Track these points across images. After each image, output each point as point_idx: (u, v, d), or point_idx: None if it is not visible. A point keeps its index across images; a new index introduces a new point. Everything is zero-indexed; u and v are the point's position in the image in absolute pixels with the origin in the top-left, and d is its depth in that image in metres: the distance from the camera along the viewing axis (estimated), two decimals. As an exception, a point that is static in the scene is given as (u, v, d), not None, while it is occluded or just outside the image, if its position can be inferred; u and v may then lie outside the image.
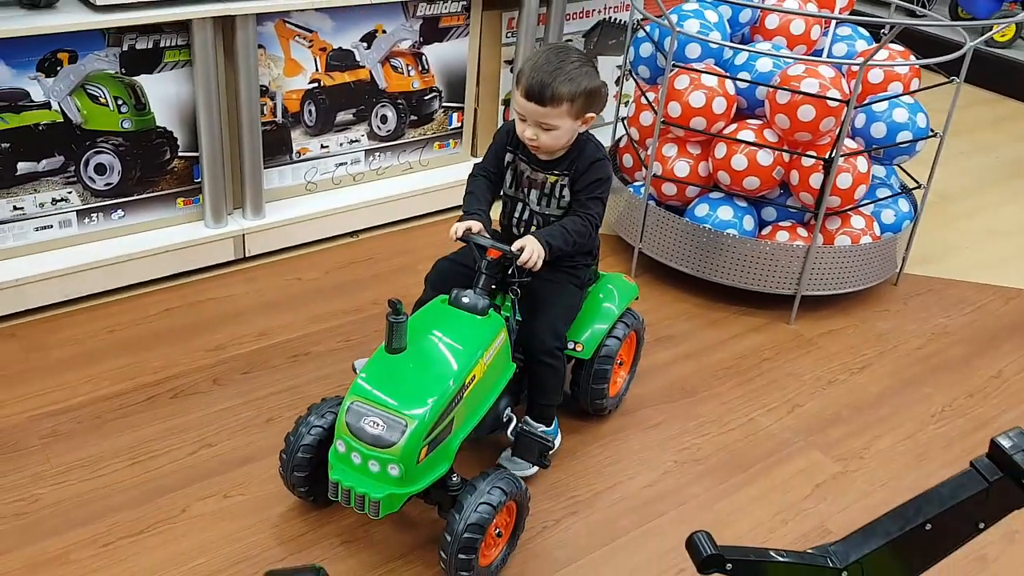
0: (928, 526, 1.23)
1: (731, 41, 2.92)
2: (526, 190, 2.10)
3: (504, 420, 2.05)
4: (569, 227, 2.02)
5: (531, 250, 1.93)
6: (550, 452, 2.03)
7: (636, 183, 3.09)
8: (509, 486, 1.80)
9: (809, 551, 1.26)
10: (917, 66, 2.84)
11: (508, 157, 2.12)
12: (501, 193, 2.17)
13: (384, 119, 3.12)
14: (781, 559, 1.23)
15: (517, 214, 2.15)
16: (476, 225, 1.99)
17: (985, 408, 2.56)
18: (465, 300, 1.92)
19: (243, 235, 2.84)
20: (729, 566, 1.19)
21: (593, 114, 2.00)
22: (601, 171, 2.05)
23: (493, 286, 1.98)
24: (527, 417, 2.12)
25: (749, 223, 2.83)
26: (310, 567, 1.17)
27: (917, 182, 3.04)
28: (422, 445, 1.73)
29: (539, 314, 2.05)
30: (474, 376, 1.84)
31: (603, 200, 2.07)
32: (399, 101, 3.12)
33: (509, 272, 2.00)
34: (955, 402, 2.57)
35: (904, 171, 3.11)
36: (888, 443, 2.40)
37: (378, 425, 1.72)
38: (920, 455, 2.37)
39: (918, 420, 2.49)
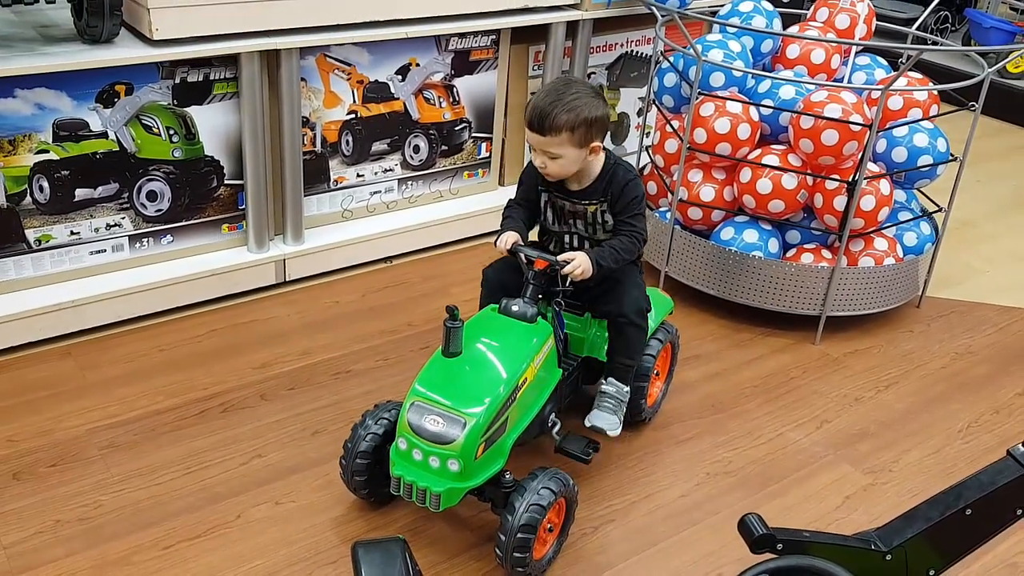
0: (968, 511, 1.30)
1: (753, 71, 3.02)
2: (572, 221, 2.19)
3: (549, 424, 2.14)
4: (618, 246, 2.11)
5: (579, 263, 2.04)
6: (593, 450, 2.13)
7: (661, 208, 3.19)
8: (559, 484, 1.90)
9: (854, 535, 1.32)
10: (936, 92, 2.93)
11: (544, 196, 2.20)
12: (541, 227, 2.26)
13: (417, 149, 3.23)
14: (828, 541, 1.29)
15: (567, 244, 2.23)
16: (515, 236, 2.10)
17: (1011, 424, 2.61)
18: (515, 308, 2.03)
19: (284, 260, 2.94)
20: (780, 546, 1.25)
21: (598, 143, 2.06)
22: (635, 190, 2.13)
23: (540, 295, 2.08)
24: (610, 378, 2.22)
25: (774, 245, 2.91)
26: (394, 538, 1.24)
27: (938, 206, 3.12)
28: (480, 442, 1.83)
29: (620, 289, 2.15)
30: (526, 379, 1.95)
31: (644, 215, 2.16)
32: (431, 132, 3.23)
33: (555, 282, 2.10)
34: (981, 418, 2.63)
35: (924, 195, 3.19)
36: (916, 457, 2.45)
37: (438, 423, 1.83)
38: (948, 468, 2.42)
39: (945, 435, 2.54)
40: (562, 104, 1.97)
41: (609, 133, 3.84)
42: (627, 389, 2.24)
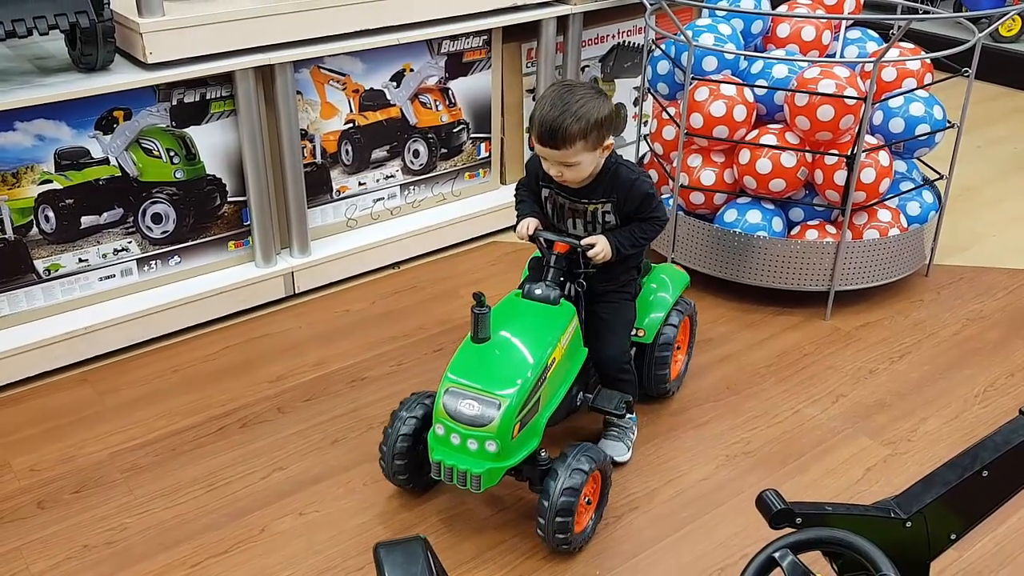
0: (985, 472, 1.30)
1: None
2: (570, 220, 2.20)
3: (578, 403, 2.19)
4: (637, 231, 2.15)
5: (601, 247, 2.09)
6: (626, 404, 2.17)
7: (663, 196, 3.19)
8: (595, 454, 1.97)
9: (873, 505, 1.33)
10: (928, 61, 2.93)
11: (544, 192, 2.22)
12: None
13: (416, 153, 3.24)
14: (847, 512, 1.30)
15: None
16: (535, 221, 2.16)
17: (1027, 386, 2.62)
18: (538, 292, 2.08)
19: (292, 273, 2.96)
20: (799, 520, 1.26)
21: (611, 141, 2.08)
22: (644, 187, 2.14)
23: (561, 278, 2.13)
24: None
25: (778, 224, 2.91)
26: (415, 537, 1.25)
27: (939, 173, 3.12)
28: (515, 422, 1.89)
29: (605, 339, 2.21)
30: (554, 358, 2.00)
31: (660, 205, 2.18)
32: (429, 135, 3.24)
33: (576, 264, 2.16)
34: (996, 382, 2.62)
35: (925, 164, 3.19)
36: (934, 425, 2.45)
37: (474, 406, 1.89)
38: (967, 433, 2.42)
39: (962, 401, 2.54)
40: (570, 113, 1.95)
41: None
42: (630, 416, 2.31)
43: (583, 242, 2.10)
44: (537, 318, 2.05)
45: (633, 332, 2.31)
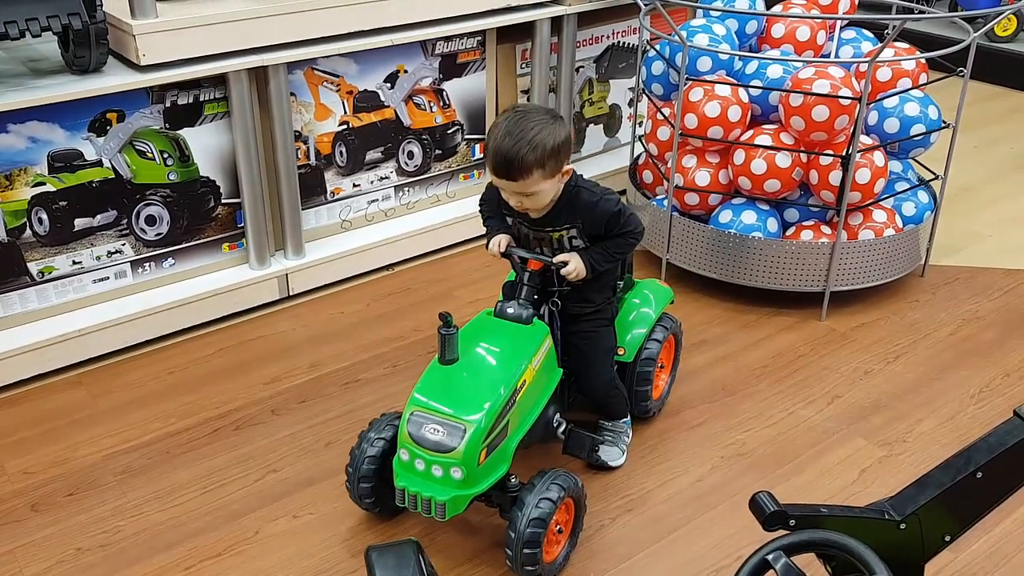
0: (979, 474, 1.30)
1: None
2: (538, 249, 2.13)
3: (555, 425, 2.14)
4: (612, 247, 2.08)
5: (575, 265, 2.03)
6: (598, 446, 2.15)
7: (658, 197, 3.19)
8: (566, 482, 1.89)
9: (867, 506, 1.33)
10: (923, 60, 2.93)
11: (509, 220, 2.13)
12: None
13: (411, 155, 3.24)
14: (841, 514, 1.29)
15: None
16: (507, 238, 2.10)
17: (1022, 387, 2.61)
18: (510, 311, 2.02)
19: (286, 274, 2.96)
20: (792, 522, 1.26)
21: (570, 166, 1.97)
22: (608, 207, 2.03)
23: (535, 296, 2.07)
24: (603, 421, 2.28)
25: (773, 225, 2.91)
26: (407, 540, 1.25)
27: (934, 173, 3.12)
28: (481, 447, 1.82)
29: (587, 370, 2.17)
30: (525, 380, 1.94)
31: (631, 218, 2.09)
32: (424, 137, 3.24)
33: (549, 282, 2.09)
34: (992, 383, 2.62)
35: (920, 164, 3.19)
36: (930, 426, 2.45)
37: (438, 431, 1.82)
38: (962, 434, 2.41)
39: (957, 402, 2.54)
40: (525, 142, 1.85)
41: (602, 126, 3.85)
42: (623, 421, 2.29)
43: (556, 259, 2.02)
44: (508, 338, 1.97)
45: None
